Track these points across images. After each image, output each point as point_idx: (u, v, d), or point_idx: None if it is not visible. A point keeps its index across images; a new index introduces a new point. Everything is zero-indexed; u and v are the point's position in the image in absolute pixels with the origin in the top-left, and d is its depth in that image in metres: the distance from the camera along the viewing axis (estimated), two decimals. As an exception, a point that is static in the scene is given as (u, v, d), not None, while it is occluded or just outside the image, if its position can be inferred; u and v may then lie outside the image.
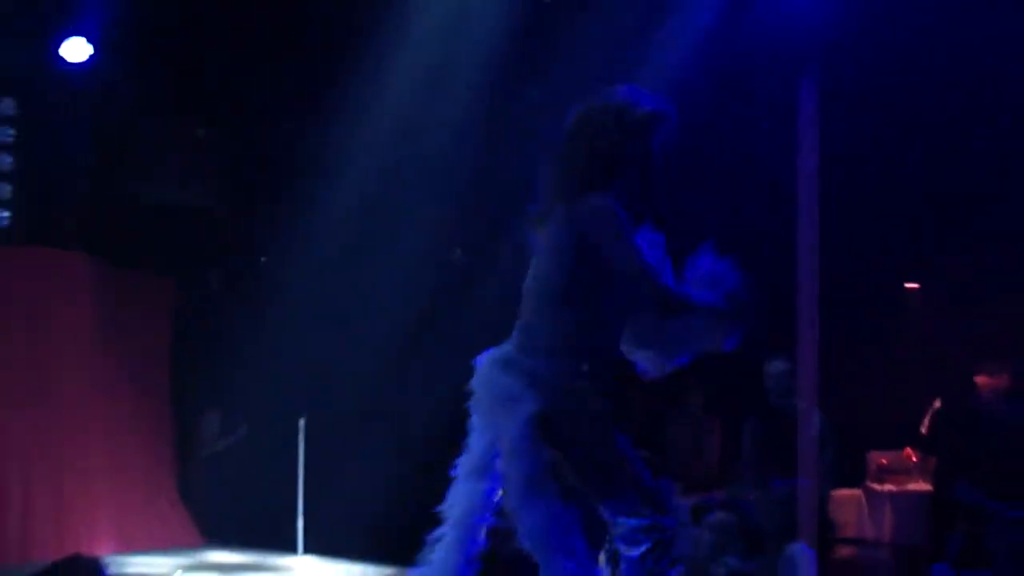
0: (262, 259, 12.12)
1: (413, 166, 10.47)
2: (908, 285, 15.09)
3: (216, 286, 12.42)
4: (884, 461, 12.19)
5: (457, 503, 5.01)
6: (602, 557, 5.78)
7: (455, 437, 9.69)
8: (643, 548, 4.63)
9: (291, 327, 11.09)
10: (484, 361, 4.84)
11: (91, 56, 10.18)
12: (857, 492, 11.89)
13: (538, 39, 9.75)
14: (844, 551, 10.81)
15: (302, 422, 10.81)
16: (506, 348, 4.81)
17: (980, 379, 10.25)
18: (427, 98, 10.12)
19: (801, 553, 6.23)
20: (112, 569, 3.49)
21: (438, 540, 4.96)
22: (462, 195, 10.47)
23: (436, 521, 9.66)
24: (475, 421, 4.95)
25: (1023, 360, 10.26)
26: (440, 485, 10.07)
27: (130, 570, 9.38)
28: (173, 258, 11.82)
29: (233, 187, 11.81)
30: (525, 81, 9.98)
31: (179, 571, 9.70)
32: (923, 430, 11.28)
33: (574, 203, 4.75)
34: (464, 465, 4.99)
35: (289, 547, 10.62)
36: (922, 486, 11.28)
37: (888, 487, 11.86)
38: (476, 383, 4.86)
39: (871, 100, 9.95)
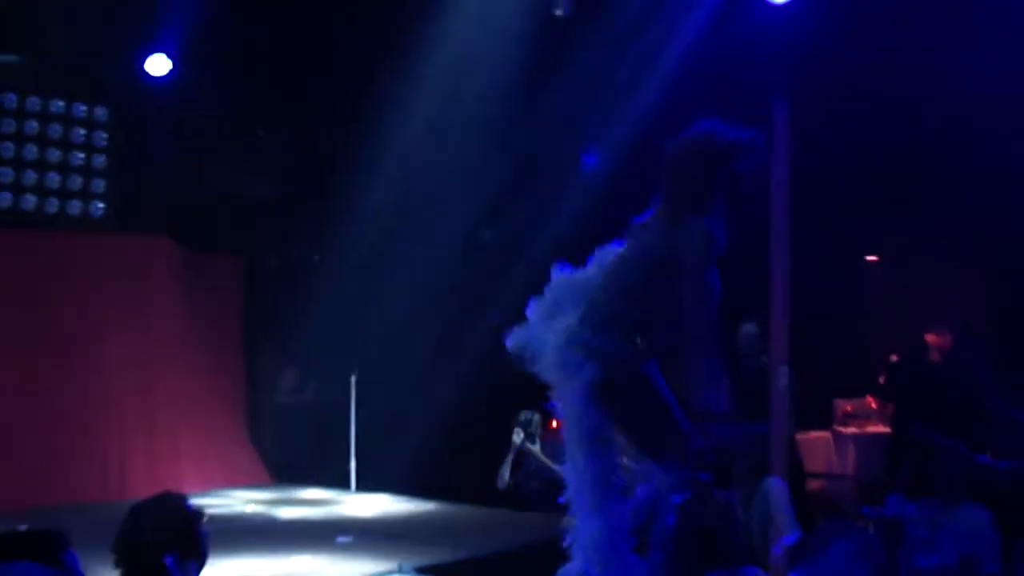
0: (315, 257, 12.17)
1: (445, 160, 10.47)
2: (868, 258, 15.07)
3: (276, 265, 12.48)
4: (848, 408, 12.23)
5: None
6: None
7: (482, 391, 9.80)
8: (684, 497, 4.67)
9: (342, 300, 11.14)
10: (543, 328, 4.87)
11: (171, 70, 10.27)
12: (826, 434, 11.93)
13: (550, 50, 9.75)
14: (814, 484, 10.85)
15: (353, 379, 10.85)
16: (569, 321, 4.81)
17: (929, 337, 10.30)
18: (455, 100, 10.12)
19: (775, 485, 6.24)
20: (195, 504, 3.58)
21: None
22: (488, 183, 10.47)
23: (466, 462, 9.76)
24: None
25: (964, 322, 10.32)
26: (468, 433, 10.17)
27: (210, 503, 9.50)
28: (242, 242, 11.93)
29: (291, 180, 11.85)
30: (540, 86, 9.98)
31: (251, 504, 9.80)
32: (881, 381, 11.33)
33: (678, 222, 4.79)
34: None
35: (344, 485, 10.69)
36: (881, 428, 11.34)
37: (852, 430, 11.91)
38: (537, 350, 4.86)
39: (836, 105, 9.92)
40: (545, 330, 4.84)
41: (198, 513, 3.72)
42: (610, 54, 9.73)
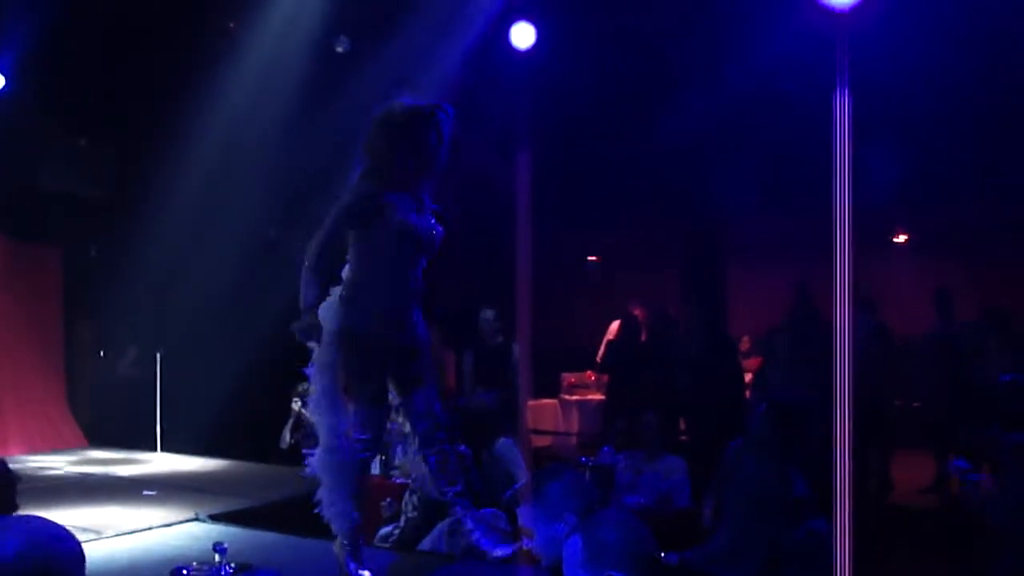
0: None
1: (240, 167, 10.32)
2: (590, 257, 15.53)
3: (94, 254, 12.07)
4: (572, 379, 12.57)
5: None
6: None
7: (267, 366, 9.67)
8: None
9: (152, 285, 10.91)
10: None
11: (4, 86, 9.79)
12: (554, 401, 12.22)
13: (331, 79, 9.71)
14: (544, 441, 11.10)
15: (159, 354, 10.65)
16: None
17: (636, 311, 10.68)
18: (252, 118, 10.00)
19: (506, 444, 6.35)
20: (14, 465, 3.43)
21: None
22: (275, 189, 10.38)
23: (255, 426, 9.60)
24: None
25: (661, 307, 10.71)
26: (257, 402, 10.02)
27: (30, 466, 9.14)
28: (65, 235, 11.51)
29: (107, 180, 11.52)
30: (328, 99, 9.93)
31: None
32: (598, 358, 11.67)
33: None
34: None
35: (152, 446, 10.48)
36: (598, 396, 11.58)
37: (575, 397, 12.23)
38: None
39: (576, 117, 10.17)
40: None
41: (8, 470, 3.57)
42: (381, 85, 9.74)
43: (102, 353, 12.09)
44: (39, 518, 2.21)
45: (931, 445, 9.32)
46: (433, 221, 4.82)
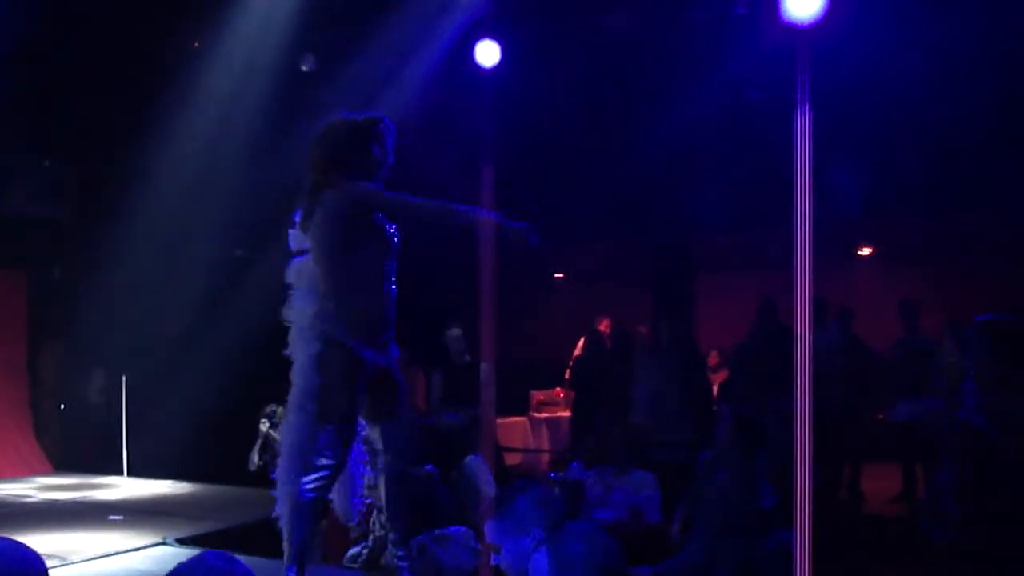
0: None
1: (207, 187, 10.29)
2: (557, 275, 15.56)
3: (58, 277, 11.99)
4: (541, 397, 12.58)
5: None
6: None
7: (235, 390, 9.64)
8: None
9: (118, 308, 10.84)
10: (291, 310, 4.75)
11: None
12: (523, 419, 12.21)
13: (297, 99, 9.71)
14: (514, 458, 11.09)
15: (124, 378, 10.59)
16: (307, 304, 4.70)
17: (601, 326, 10.71)
18: (216, 135, 9.99)
19: (474, 462, 6.35)
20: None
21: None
22: (243, 208, 10.36)
23: (223, 449, 9.56)
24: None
25: (621, 326, 10.74)
26: (224, 425, 9.98)
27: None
28: (26, 257, 11.43)
29: (71, 202, 11.45)
30: (294, 118, 9.93)
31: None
32: (567, 375, 11.68)
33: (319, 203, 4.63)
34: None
35: (119, 471, 10.41)
36: (567, 413, 11.51)
37: (544, 415, 12.23)
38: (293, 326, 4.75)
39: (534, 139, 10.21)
40: (291, 311, 4.78)
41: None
42: (347, 103, 9.74)
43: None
44: (4, 539, 2.20)
45: (898, 455, 9.38)
46: (393, 228, 4.81)
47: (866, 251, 14.60)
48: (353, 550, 5.77)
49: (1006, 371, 4.41)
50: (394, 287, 4.76)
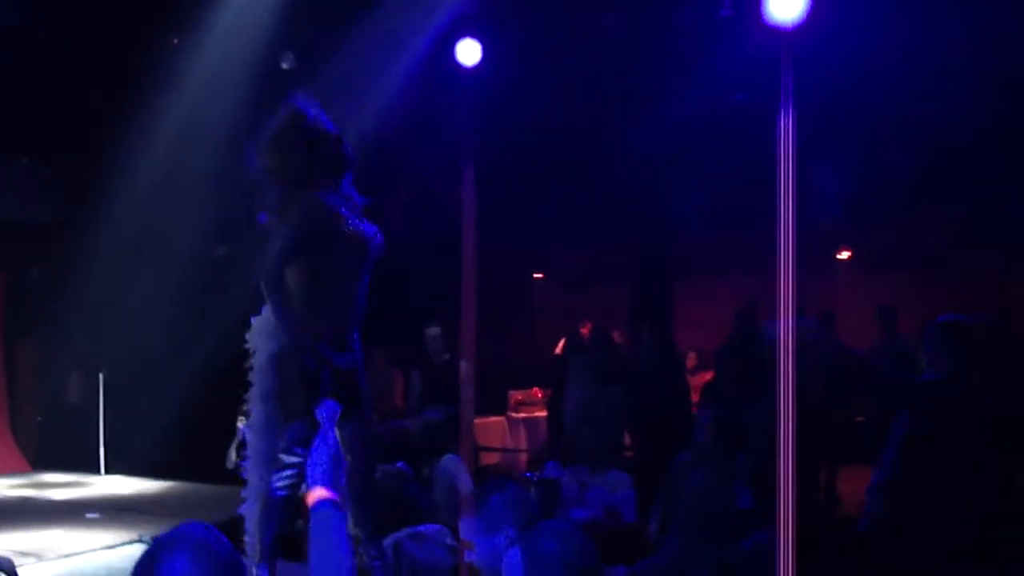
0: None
1: (185, 185, 10.25)
2: (536, 275, 15.57)
3: (36, 278, 11.94)
4: (519, 397, 12.59)
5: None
6: None
7: (212, 387, 9.62)
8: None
9: (96, 308, 10.80)
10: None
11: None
12: (501, 419, 12.22)
13: (277, 96, 9.67)
14: (492, 457, 11.10)
15: (101, 376, 10.55)
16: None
17: (583, 330, 10.71)
18: (194, 132, 9.94)
19: (451, 461, 6.34)
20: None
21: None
22: (220, 208, 10.33)
23: (200, 447, 9.54)
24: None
25: (599, 326, 10.74)
26: (201, 423, 9.97)
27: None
28: (3, 257, 11.37)
29: (49, 202, 11.39)
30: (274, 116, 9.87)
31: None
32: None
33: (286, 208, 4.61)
34: None
35: (96, 470, 10.37)
36: (544, 413, 11.54)
37: (522, 415, 12.25)
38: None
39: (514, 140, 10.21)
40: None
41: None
42: (327, 102, 9.72)
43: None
44: None
45: (874, 458, 9.41)
46: (372, 227, 4.77)
47: (845, 255, 14.66)
48: None
49: (959, 371, 4.43)
50: (362, 287, 4.73)
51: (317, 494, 2.63)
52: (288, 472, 4.54)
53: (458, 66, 8.44)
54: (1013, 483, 4.52)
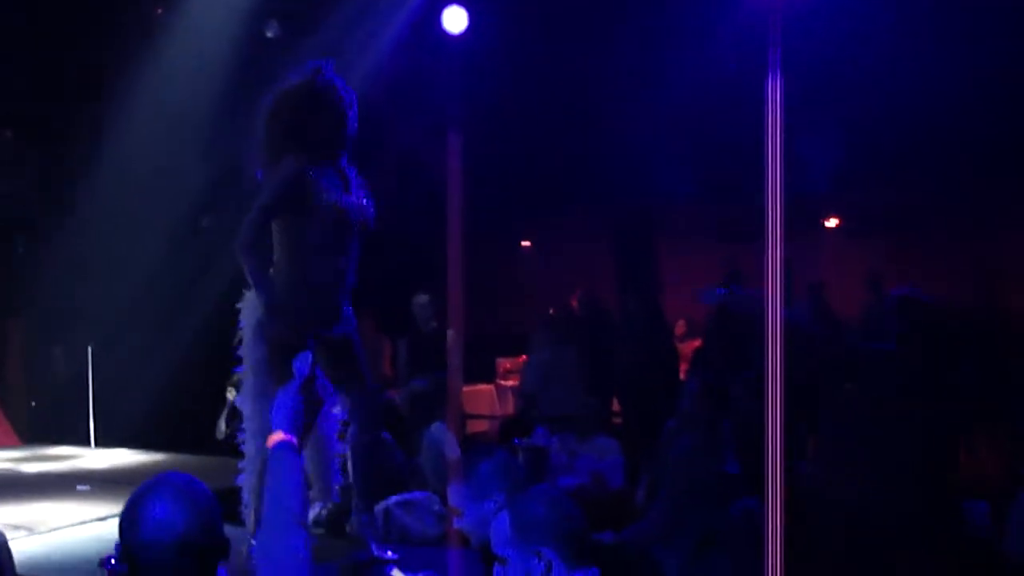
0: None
1: (169, 155, 10.21)
2: (523, 243, 15.58)
3: (21, 250, 11.89)
4: (508, 365, 12.60)
5: None
6: None
7: (201, 357, 9.65)
8: None
9: (83, 279, 10.77)
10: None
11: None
12: (490, 387, 12.24)
13: (262, 65, 9.65)
14: (481, 425, 11.12)
15: (90, 349, 10.52)
16: None
17: (573, 301, 10.74)
18: (178, 102, 9.91)
19: (439, 428, 6.35)
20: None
21: None
22: (205, 176, 10.30)
23: (190, 418, 9.54)
24: None
25: (588, 293, 10.78)
26: (191, 393, 9.98)
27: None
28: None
29: (32, 174, 11.34)
30: (258, 85, 9.84)
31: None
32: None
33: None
34: None
35: (86, 442, 10.37)
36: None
37: (511, 383, 12.24)
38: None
39: (500, 122, 10.17)
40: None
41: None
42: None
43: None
44: None
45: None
46: (363, 197, 4.75)
47: (833, 222, 14.69)
48: (312, 511, 5.74)
49: (904, 345, 4.50)
50: (350, 258, 4.71)
51: (276, 437, 2.73)
52: None
53: (444, 34, 8.42)
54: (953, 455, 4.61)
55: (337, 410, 4.93)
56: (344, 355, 4.74)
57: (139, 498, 2.27)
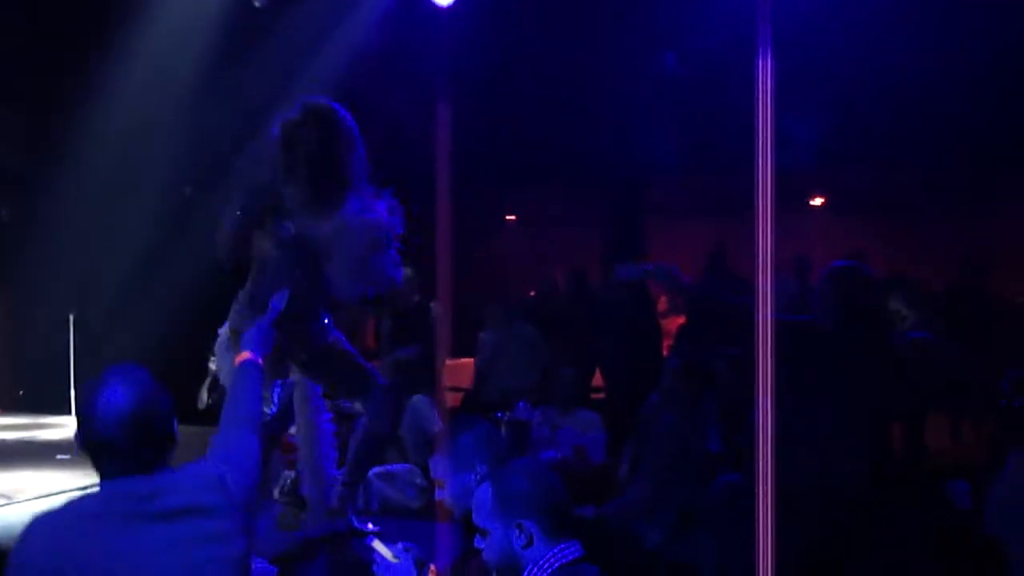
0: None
1: (156, 127, 10.17)
2: (508, 217, 15.58)
3: (5, 219, 11.84)
4: (491, 339, 12.58)
5: None
6: None
7: (183, 327, 9.64)
8: None
9: (65, 247, 10.74)
10: None
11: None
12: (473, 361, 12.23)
13: (250, 34, 9.60)
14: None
15: (71, 316, 10.48)
16: None
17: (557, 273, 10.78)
18: (165, 73, 9.86)
19: (421, 401, 6.36)
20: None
21: None
22: (191, 148, 10.26)
23: (172, 387, 9.49)
24: None
25: (577, 269, 10.79)
26: (174, 363, 9.95)
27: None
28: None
29: (18, 144, 11.29)
30: (246, 56, 9.79)
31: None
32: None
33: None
34: None
35: (66, 410, 10.36)
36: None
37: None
38: None
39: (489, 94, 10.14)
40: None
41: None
42: (300, 41, 9.66)
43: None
44: None
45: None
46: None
47: (818, 201, 14.72)
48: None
49: (840, 319, 4.52)
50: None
51: (244, 356, 3.15)
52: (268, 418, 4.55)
53: (432, 5, 8.37)
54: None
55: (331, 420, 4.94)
56: (342, 363, 4.72)
57: (97, 384, 2.49)
